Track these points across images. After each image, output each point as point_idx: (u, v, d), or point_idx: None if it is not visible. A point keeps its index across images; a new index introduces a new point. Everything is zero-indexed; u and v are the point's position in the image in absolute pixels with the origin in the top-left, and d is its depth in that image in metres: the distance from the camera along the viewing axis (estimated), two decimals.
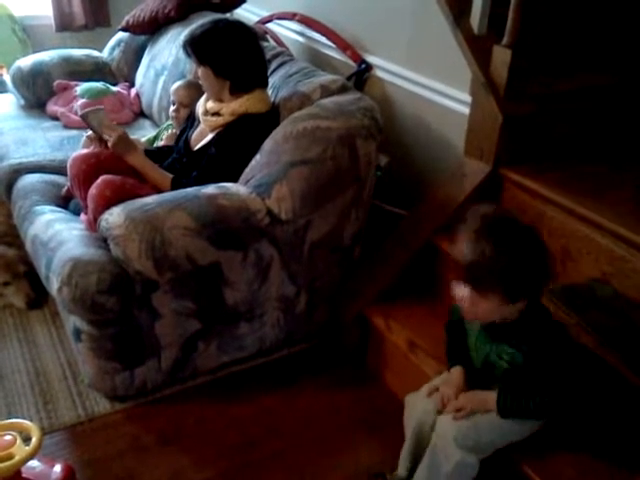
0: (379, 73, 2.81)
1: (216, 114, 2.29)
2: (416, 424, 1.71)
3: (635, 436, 1.65)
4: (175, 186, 2.18)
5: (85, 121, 2.30)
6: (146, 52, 3.39)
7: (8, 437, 1.58)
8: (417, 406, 1.73)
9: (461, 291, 1.52)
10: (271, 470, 1.91)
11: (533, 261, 1.45)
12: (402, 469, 1.77)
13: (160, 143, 2.78)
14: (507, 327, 1.55)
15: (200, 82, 2.35)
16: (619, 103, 2.34)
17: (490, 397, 1.59)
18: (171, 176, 2.25)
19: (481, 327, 1.61)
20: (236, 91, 2.25)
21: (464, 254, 1.46)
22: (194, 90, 2.60)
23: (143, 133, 3.04)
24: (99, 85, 3.25)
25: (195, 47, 2.23)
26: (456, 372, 1.69)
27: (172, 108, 2.70)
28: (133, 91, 3.40)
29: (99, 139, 2.32)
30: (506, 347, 1.56)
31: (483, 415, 1.58)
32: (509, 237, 1.44)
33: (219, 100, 2.29)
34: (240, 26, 2.31)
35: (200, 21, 2.55)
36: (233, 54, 2.21)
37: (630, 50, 2.36)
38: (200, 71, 2.27)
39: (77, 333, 2.00)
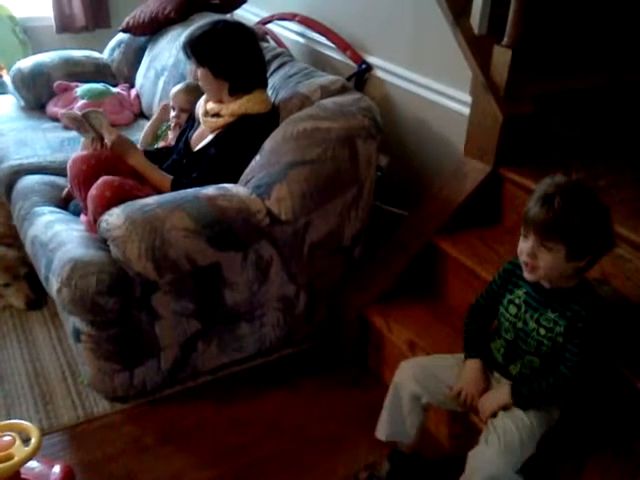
0: (379, 73, 2.81)
1: (216, 115, 2.29)
2: (394, 385, 1.76)
3: (635, 437, 1.65)
4: (175, 187, 2.18)
5: (86, 120, 2.30)
6: (146, 53, 3.39)
7: (7, 438, 1.57)
8: (403, 371, 1.76)
9: (525, 244, 1.52)
10: (271, 470, 1.91)
11: (599, 221, 1.48)
12: (380, 432, 1.82)
13: (161, 144, 2.78)
14: (557, 294, 1.56)
15: (200, 83, 2.35)
16: (619, 103, 2.34)
17: (503, 391, 1.61)
18: (171, 177, 2.25)
19: (527, 296, 1.62)
20: (235, 92, 2.25)
21: (534, 209, 1.49)
22: (193, 94, 2.59)
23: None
24: (99, 86, 3.25)
25: (194, 48, 2.23)
26: (474, 367, 1.69)
27: (172, 114, 2.70)
28: (133, 92, 3.40)
29: (100, 139, 2.32)
30: (550, 313, 1.57)
31: (518, 429, 1.56)
32: (579, 196, 1.48)
33: (219, 101, 2.29)
34: (239, 27, 2.31)
35: (200, 22, 2.56)
36: (232, 55, 2.21)
37: (630, 51, 2.36)
38: (199, 72, 2.27)
39: (77, 334, 2.00)
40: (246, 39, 2.27)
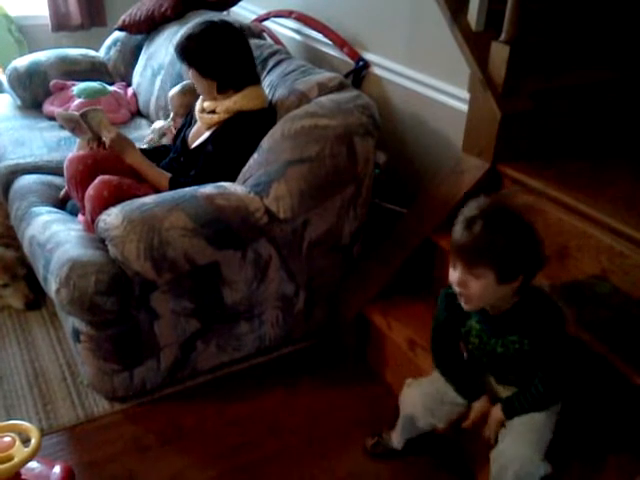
0: (377, 70, 2.81)
1: (212, 112, 2.29)
2: (406, 415, 1.79)
3: (633, 434, 1.65)
4: (173, 185, 2.18)
5: (84, 120, 2.29)
6: (143, 51, 3.38)
7: (7, 439, 1.57)
8: (414, 398, 1.77)
9: (454, 274, 1.51)
10: (271, 469, 1.91)
11: (524, 241, 1.46)
12: (396, 444, 1.90)
13: (163, 140, 2.79)
14: (506, 317, 1.56)
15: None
16: (618, 99, 2.34)
17: (495, 411, 1.63)
18: (169, 175, 2.25)
19: (481, 325, 1.61)
20: (224, 90, 2.25)
21: (457, 235, 1.47)
22: (189, 96, 2.63)
23: (140, 133, 3.04)
24: (96, 85, 3.24)
25: (182, 51, 2.26)
26: (482, 406, 1.67)
27: (171, 116, 2.74)
28: (130, 90, 3.39)
29: (97, 139, 2.31)
30: (510, 336, 1.57)
31: (533, 418, 1.59)
32: (500, 218, 1.46)
33: (214, 98, 2.29)
34: (224, 26, 2.30)
35: (196, 20, 2.55)
36: (216, 54, 2.22)
37: (629, 45, 2.36)
38: (190, 73, 2.29)
39: (76, 334, 2.00)
40: (231, 37, 2.27)
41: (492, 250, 1.43)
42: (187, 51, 2.25)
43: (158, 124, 2.93)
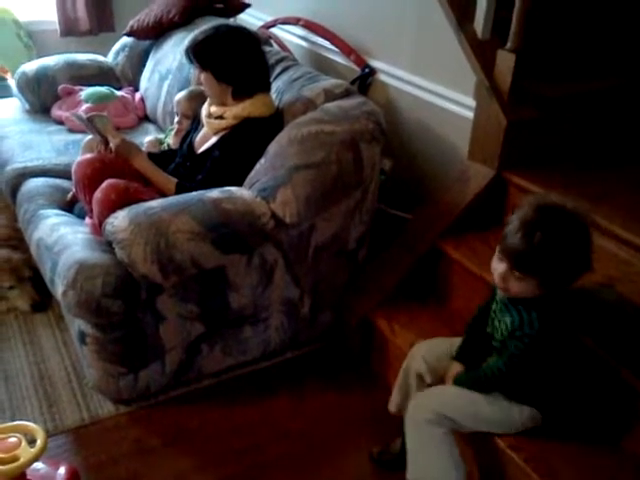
0: (383, 77, 2.82)
1: (219, 117, 2.30)
2: (405, 365, 1.84)
3: (632, 435, 1.65)
4: (179, 190, 2.19)
5: (91, 124, 2.31)
6: (150, 57, 3.40)
7: (13, 439, 1.57)
8: (414, 352, 1.84)
9: (499, 266, 1.54)
10: (276, 473, 1.91)
11: (577, 258, 1.48)
12: (391, 405, 1.90)
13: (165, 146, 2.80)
14: (521, 302, 1.58)
15: (202, 88, 2.36)
16: (623, 106, 2.35)
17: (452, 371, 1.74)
18: (175, 180, 2.25)
19: (503, 295, 1.64)
20: (238, 96, 2.26)
21: (513, 236, 1.48)
22: (196, 100, 2.62)
23: (147, 138, 3.05)
24: (103, 89, 3.26)
25: (197, 52, 2.25)
26: (455, 368, 1.74)
27: (176, 119, 2.73)
28: (137, 95, 3.41)
29: (104, 142, 2.33)
30: (507, 317, 1.60)
31: (456, 393, 1.68)
32: (561, 231, 1.46)
33: (222, 104, 2.30)
34: (242, 31, 2.32)
35: (204, 26, 2.57)
36: (235, 59, 2.23)
37: (633, 52, 2.37)
38: (202, 76, 2.28)
39: (82, 336, 2.01)
40: (249, 43, 2.29)
41: (544, 264, 1.46)
42: (203, 53, 2.24)
43: (147, 139, 2.94)
